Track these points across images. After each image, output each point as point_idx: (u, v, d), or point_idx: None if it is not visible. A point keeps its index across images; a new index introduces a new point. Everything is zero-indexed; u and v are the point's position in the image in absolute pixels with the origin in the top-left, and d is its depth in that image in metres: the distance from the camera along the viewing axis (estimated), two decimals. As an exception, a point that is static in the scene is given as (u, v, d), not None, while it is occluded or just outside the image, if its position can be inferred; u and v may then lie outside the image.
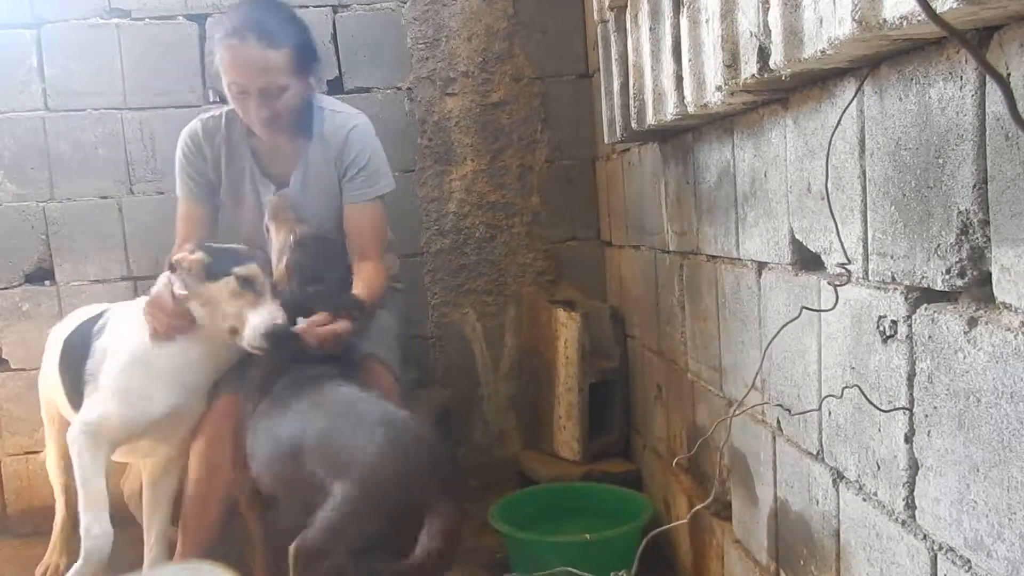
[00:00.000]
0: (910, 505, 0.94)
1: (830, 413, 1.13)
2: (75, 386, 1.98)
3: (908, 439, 0.93)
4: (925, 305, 0.89)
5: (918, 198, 0.88)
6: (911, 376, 0.92)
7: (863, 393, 1.01)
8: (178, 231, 2.22)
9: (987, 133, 0.76)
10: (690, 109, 1.35)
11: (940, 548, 0.88)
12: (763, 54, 1.04)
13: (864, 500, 1.05)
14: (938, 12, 0.67)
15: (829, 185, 1.07)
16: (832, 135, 1.05)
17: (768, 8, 1.00)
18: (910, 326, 0.91)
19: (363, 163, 2.13)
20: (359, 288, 1.99)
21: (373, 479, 1.42)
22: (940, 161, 0.84)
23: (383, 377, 2.01)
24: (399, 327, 2.22)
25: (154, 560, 2.09)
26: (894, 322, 0.94)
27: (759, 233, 1.35)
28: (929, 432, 0.89)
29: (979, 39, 0.76)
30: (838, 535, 1.14)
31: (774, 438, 1.35)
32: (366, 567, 1.35)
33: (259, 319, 1.81)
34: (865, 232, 1.00)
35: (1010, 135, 0.73)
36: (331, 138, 2.14)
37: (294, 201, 2.07)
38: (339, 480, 1.43)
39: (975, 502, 0.81)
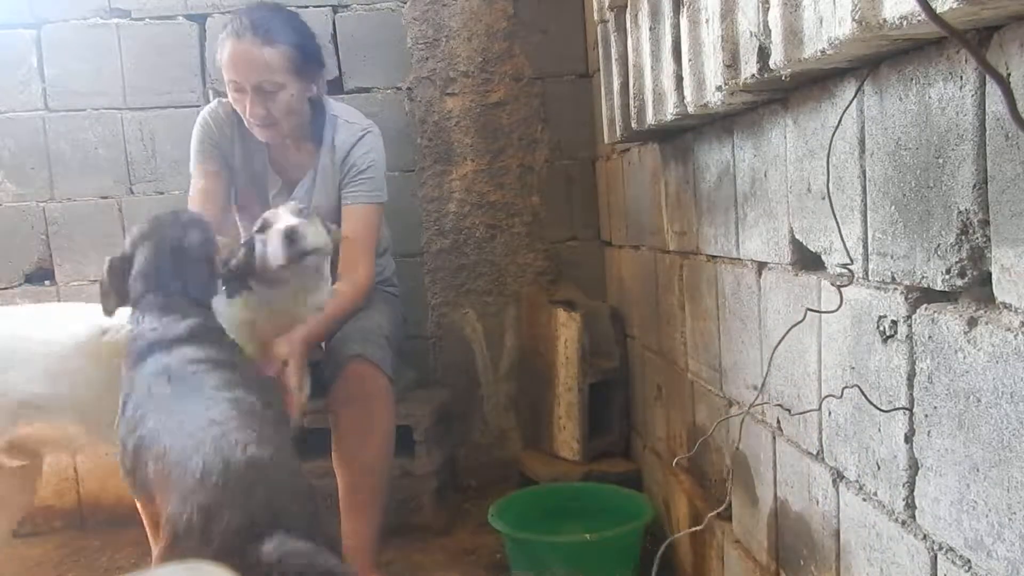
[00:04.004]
0: (910, 505, 0.94)
1: (830, 413, 1.13)
2: None
3: (908, 439, 0.93)
4: (925, 305, 0.89)
5: (918, 198, 0.88)
6: (911, 376, 0.92)
7: (863, 393, 1.01)
8: (192, 202, 2.18)
9: (987, 133, 0.76)
10: (690, 109, 1.35)
11: (940, 548, 0.88)
12: (763, 54, 1.04)
13: (864, 500, 1.05)
14: (938, 12, 0.67)
15: (829, 185, 1.07)
16: (832, 135, 1.05)
17: (768, 8, 1.00)
18: (910, 326, 0.91)
19: (364, 167, 2.16)
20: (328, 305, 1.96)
21: (190, 506, 1.22)
22: (940, 161, 0.84)
23: (373, 379, 1.99)
24: (392, 328, 2.20)
25: None
26: (894, 322, 0.94)
27: (759, 233, 1.35)
28: (929, 432, 0.89)
29: (979, 39, 0.76)
30: (838, 535, 1.14)
31: (774, 438, 1.35)
32: None
33: None
34: (865, 232, 1.00)
35: (1010, 135, 0.73)
36: (340, 146, 2.17)
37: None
38: (169, 498, 1.28)
39: (975, 502, 0.81)
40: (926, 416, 0.89)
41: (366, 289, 2.11)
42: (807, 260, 1.19)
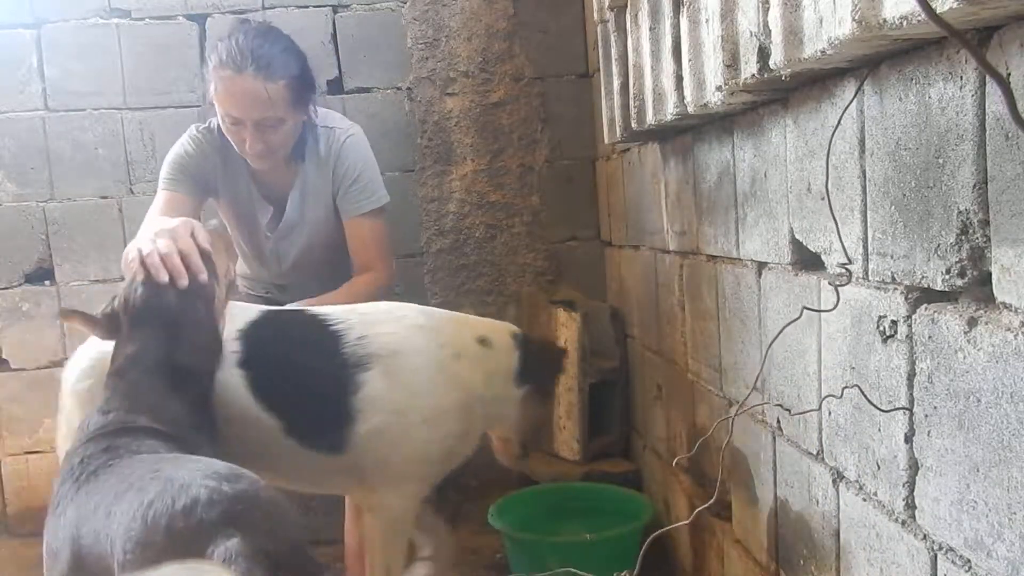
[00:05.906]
0: (910, 505, 0.94)
1: (830, 413, 1.13)
2: None
3: (908, 439, 0.93)
4: (925, 305, 0.89)
5: (918, 198, 0.88)
6: (911, 376, 0.92)
7: (863, 393, 1.01)
8: (153, 218, 1.93)
9: (987, 133, 0.76)
10: (690, 109, 1.35)
11: (940, 548, 0.88)
12: (763, 54, 1.04)
13: (864, 500, 1.05)
14: (938, 12, 0.67)
15: (829, 185, 1.07)
16: (832, 135, 1.05)
17: (768, 8, 1.00)
18: (910, 326, 0.91)
19: (355, 175, 2.09)
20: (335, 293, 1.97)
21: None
22: (940, 161, 0.84)
23: None
24: None
25: None
26: (894, 322, 0.94)
27: (759, 233, 1.35)
28: (929, 432, 0.89)
29: (979, 39, 0.76)
30: (838, 535, 1.14)
31: (774, 438, 1.35)
32: None
33: None
34: (865, 232, 1.00)
35: (1010, 135, 0.73)
36: (325, 156, 2.10)
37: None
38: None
39: (975, 502, 0.81)
40: (926, 416, 0.89)
41: (352, 297, 1.96)
42: (807, 260, 1.19)
